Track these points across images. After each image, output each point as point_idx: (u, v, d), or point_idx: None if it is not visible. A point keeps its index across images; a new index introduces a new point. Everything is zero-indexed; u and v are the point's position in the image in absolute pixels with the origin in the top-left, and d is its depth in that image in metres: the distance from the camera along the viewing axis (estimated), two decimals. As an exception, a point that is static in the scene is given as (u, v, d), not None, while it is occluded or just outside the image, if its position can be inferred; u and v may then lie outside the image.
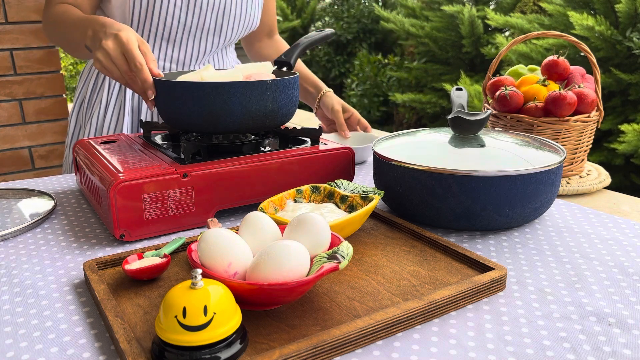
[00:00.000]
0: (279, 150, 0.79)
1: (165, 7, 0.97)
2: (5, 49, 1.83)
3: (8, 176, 1.93)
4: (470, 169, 0.65)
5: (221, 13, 1.03)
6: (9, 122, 1.89)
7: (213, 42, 1.06)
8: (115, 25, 0.78)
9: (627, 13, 2.78)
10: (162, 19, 0.98)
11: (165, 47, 1.02)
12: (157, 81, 0.77)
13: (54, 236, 0.70)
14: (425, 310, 0.49)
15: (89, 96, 1.08)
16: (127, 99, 1.03)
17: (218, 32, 1.05)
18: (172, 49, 1.03)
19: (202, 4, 0.99)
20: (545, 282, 0.57)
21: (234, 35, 1.08)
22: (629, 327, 0.49)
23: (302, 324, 0.48)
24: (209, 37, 1.04)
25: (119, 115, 1.03)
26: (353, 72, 5.20)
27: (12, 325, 0.50)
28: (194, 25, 1.01)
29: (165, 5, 0.97)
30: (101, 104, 1.04)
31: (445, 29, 4.04)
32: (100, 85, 1.06)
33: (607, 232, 0.70)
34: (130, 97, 1.03)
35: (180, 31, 1.01)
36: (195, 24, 1.01)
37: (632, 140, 2.59)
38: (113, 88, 1.04)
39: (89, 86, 1.08)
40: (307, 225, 0.52)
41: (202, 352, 0.41)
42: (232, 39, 1.10)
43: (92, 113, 1.06)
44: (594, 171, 1.02)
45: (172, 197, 0.68)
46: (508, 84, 0.99)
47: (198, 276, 0.42)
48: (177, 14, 0.98)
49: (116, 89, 1.04)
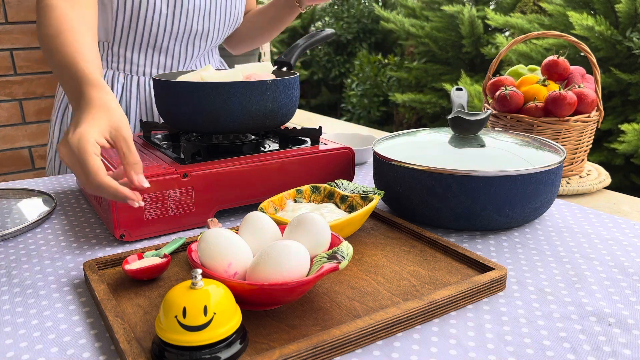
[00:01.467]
0: (279, 150, 0.79)
1: (151, 16, 0.94)
2: (5, 49, 1.83)
3: (8, 176, 1.93)
4: (470, 169, 0.65)
5: (207, 17, 1.00)
6: (9, 122, 1.89)
7: (200, 45, 1.04)
8: (82, 111, 0.59)
9: (627, 13, 2.78)
10: (148, 27, 0.95)
11: (152, 53, 1.00)
12: (157, 81, 0.77)
13: (54, 236, 0.70)
14: (425, 310, 0.49)
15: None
16: (123, 101, 1.02)
17: (205, 36, 1.03)
18: (159, 55, 1.01)
19: (187, 10, 0.96)
20: (545, 282, 0.57)
21: (221, 36, 1.07)
22: (629, 327, 0.49)
23: (302, 324, 0.48)
24: (195, 41, 1.02)
25: None
26: (353, 72, 5.20)
27: (12, 325, 0.50)
28: (180, 31, 0.99)
29: (150, 14, 0.94)
30: None
31: (445, 29, 4.04)
32: None
33: (607, 232, 0.70)
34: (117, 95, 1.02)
35: (166, 38, 0.98)
36: (182, 30, 0.99)
37: (632, 140, 2.59)
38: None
39: None
40: (307, 225, 0.52)
41: (202, 352, 0.41)
42: (219, 40, 1.09)
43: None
44: (594, 171, 1.02)
45: (172, 197, 0.68)
46: (508, 84, 0.99)
47: (198, 276, 0.42)
48: (163, 22, 0.96)
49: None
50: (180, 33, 0.99)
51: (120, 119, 0.58)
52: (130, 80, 1.01)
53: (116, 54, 0.99)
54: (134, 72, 1.01)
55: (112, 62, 1.00)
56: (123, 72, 1.01)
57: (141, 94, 1.02)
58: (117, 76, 1.01)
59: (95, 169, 0.54)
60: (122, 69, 1.01)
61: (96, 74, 0.64)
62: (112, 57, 1.00)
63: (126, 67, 1.00)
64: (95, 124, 0.57)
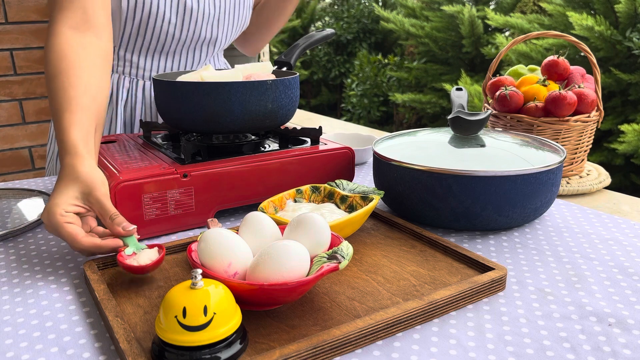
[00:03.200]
0: (279, 150, 0.79)
1: (160, 24, 0.93)
2: (5, 49, 1.83)
3: (8, 176, 1.93)
4: (470, 169, 0.65)
5: (215, 24, 1.00)
6: (9, 122, 1.90)
7: (207, 51, 1.04)
8: (58, 181, 0.62)
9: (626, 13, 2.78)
10: (156, 35, 0.95)
11: (158, 58, 1.00)
12: (157, 81, 0.77)
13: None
14: (425, 310, 0.49)
15: None
16: (119, 112, 1.02)
17: (213, 42, 1.03)
18: (165, 60, 1.00)
19: (197, 19, 0.96)
20: (545, 282, 0.57)
21: (228, 40, 1.07)
22: (629, 327, 0.49)
23: (302, 324, 0.48)
24: (203, 47, 1.02)
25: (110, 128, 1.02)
26: (353, 72, 5.20)
27: (12, 325, 0.50)
28: (188, 38, 0.98)
29: (160, 23, 0.93)
30: None
31: (445, 29, 4.04)
32: None
33: (607, 232, 0.70)
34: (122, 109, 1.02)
35: (174, 45, 0.98)
36: (190, 37, 0.98)
37: (632, 140, 2.59)
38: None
39: None
40: (307, 225, 0.52)
41: (202, 352, 0.41)
42: (226, 44, 1.08)
43: None
44: (594, 171, 1.02)
45: (172, 197, 0.68)
46: (508, 84, 0.99)
47: (198, 276, 0.42)
48: (172, 30, 0.95)
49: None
50: (188, 40, 0.99)
51: (89, 184, 0.60)
52: (136, 85, 1.00)
53: (122, 57, 0.98)
54: (140, 76, 1.00)
55: (117, 65, 0.99)
56: (129, 76, 1.00)
57: (146, 98, 1.01)
58: (123, 80, 1.00)
59: (71, 236, 0.57)
60: (128, 72, 1.00)
61: (77, 138, 0.64)
62: (117, 60, 0.99)
63: (132, 71, 1.00)
64: (64, 194, 0.60)
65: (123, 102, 1.00)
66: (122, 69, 1.00)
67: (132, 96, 1.01)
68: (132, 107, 1.01)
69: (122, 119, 1.01)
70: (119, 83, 1.00)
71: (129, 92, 1.01)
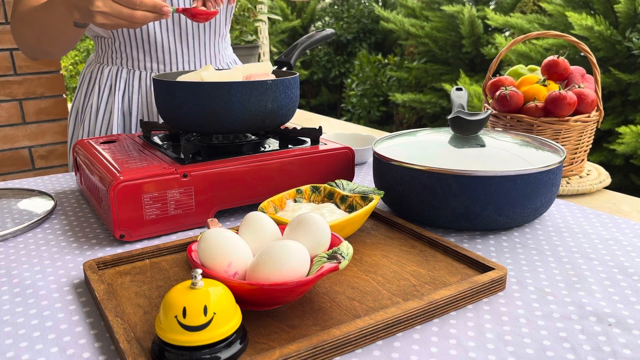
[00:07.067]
0: (279, 150, 0.79)
1: (160, 41, 1.00)
2: (5, 49, 1.83)
3: (8, 176, 1.93)
4: (470, 169, 0.65)
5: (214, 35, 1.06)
6: (9, 122, 1.89)
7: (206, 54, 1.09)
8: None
9: (626, 13, 2.78)
10: (153, 48, 1.01)
11: (157, 67, 1.04)
12: (157, 81, 0.77)
13: (54, 236, 0.70)
14: (425, 310, 0.49)
15: (83, 99, 1.09)
16: (117, 102, 1.02)
17: (210, 48, 1.08)
18: (164, 67, 1.04)
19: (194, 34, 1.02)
20: (545, 282, 0.57)
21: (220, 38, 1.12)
22: (629, 327, 0.49)
23: (302, 324, 0.48)
24: (200, 53, 1.07)
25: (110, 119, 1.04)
26: (353, 72, 5.20)
27: (12, 325, 0.50)
28: (184, 52, 1.04)
29: (159, 39, 1.00)
30: (92, 108, 1.05)
31: (445, 29, 4.04)
32: (92, 89, 1.06)
33: (607, 232, 0.70)
34: (119, 100, 1.03)
35: (173, 57, 1.03)
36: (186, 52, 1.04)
37: (631, 142, 2.60)
38: (103, 92, 1.04)
39: (82, 89, 1.09)
40: (307, 225, 0.52)
41: (202, 352, 0.41)
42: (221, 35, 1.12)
43: (84, 117, 1.07)
44: (594, 171, 1.02)
45: (172, 197, 0.68)
46: (508, 84, 0.99)
47: (198, 276, 0.42)
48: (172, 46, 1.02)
49: (106, 93, 1.04)
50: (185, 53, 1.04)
51: None
52: (133, 75, 1.04)
53: (117, 49, 1.02)
54: (136, 67, 1.03)
55: (115, 58, 1.03)
56: (126, 67, 1.03)
57: (142, 88, 1.04)
58: (121, 71, 1.03)
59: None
60: (125, 64, 1.03)
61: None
62: (113, 53, 1.03)
63: (128, 62, 1.03)
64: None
65: (121, 93, 1.04)
66: (120, 61, 1.03)
67: (129, 87, 1.04)
68: (129, 98, 1.04)
69: (120, 107, 1.04)
70: (117, 75, 1.04)
71: (127, 82, 1.04)
